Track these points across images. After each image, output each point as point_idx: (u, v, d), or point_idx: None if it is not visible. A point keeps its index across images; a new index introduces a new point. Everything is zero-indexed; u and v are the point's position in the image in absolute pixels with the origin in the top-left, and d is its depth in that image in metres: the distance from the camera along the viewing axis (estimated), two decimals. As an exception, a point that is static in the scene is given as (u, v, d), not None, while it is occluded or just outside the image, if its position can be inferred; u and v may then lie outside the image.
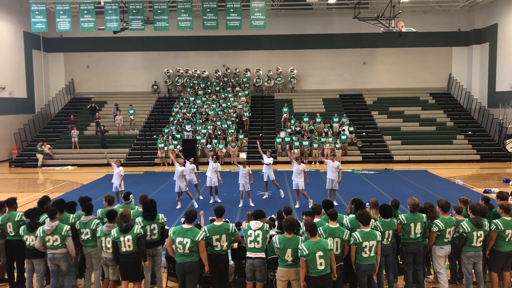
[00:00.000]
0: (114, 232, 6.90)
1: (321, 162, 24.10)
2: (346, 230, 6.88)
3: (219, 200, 14.71)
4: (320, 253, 6.19)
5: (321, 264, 6.20)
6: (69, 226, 7.21)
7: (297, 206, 13.76)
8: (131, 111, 28.06)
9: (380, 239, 6.81)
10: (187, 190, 14.15)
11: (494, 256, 7.33)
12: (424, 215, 7.37)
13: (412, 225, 7.23)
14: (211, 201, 14.67)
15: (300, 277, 6.48)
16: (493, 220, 7.31)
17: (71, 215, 7.75)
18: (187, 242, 6.61)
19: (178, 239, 6.66)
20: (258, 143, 17.12)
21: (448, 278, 7.58)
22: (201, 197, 15.13)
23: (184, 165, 14.41)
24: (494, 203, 8.16)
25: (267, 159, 15.19)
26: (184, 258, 6.68)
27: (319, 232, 6.66)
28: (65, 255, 7.17)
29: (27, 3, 24.89)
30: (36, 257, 7.29)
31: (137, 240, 6.88)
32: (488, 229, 7.24)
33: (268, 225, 6.96)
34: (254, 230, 6.82)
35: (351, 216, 7.40)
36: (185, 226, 6.75)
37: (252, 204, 14.01)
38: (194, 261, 6.69)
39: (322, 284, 6.29)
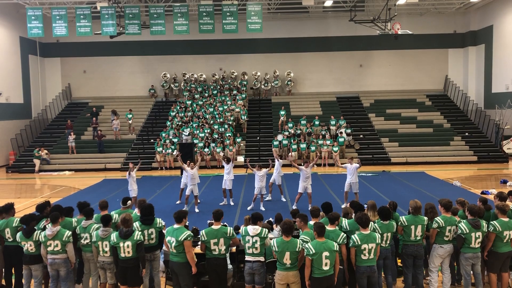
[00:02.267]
0: (113, 237, 6.88)
1: (316, 165, 24.12)
2: (341, 233, 6.85)
3: (232, 204, 14.74)
4: (326, 253, 6.24)
5: (326, 264, 6.25)
6: (70, 232, 7.20)
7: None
8: (130, 116, 28.03)
9: (379, 241, 6.81)
10: (197, 195, 14.02)
11: (492, 257, 7.34)
12: (426, 218, 7.37)
13: (412, 227, 7.23)
14: (222, 203, 14.71)
15: (299, 281, 6.48)
16: (491, 222, 7.32)
17: (74, 220, 7.73)
18: (173, 241, 6.78)
19: (167, 238, 6.90)
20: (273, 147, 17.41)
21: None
22: (198, 201, 15.12)
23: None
24: (492, 204, 8.17)
25: (277, 162, 14.98)
26: (172, 257, 6.91)
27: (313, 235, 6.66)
28: (65, 261, 7.15)
29: (23, 9, 24.89)
30: (34, 263, 7.26)
31: (136, 247, 6.87)
32: (486, 230, 7.24)
33: (266, 230, 6.93)
34: (252, 236, 6.82)
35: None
36: (175, 225, 6.93)
37: (262, 208, 13.74)
38: (180, 262, 6.80)
39: (326, 285, 6.32)
